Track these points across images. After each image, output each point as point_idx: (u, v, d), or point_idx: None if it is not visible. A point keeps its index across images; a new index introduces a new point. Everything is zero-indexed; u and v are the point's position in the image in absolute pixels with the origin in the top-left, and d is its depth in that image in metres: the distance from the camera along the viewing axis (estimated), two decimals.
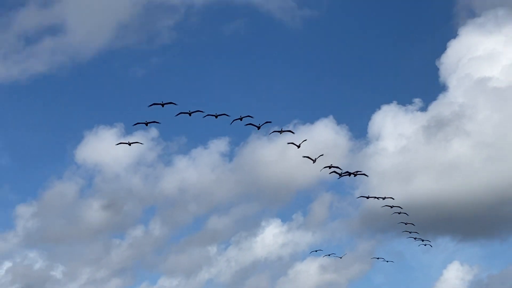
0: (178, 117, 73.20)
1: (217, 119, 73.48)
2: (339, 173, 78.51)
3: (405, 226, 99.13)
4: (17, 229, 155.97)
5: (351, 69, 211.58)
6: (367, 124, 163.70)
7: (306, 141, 75.72)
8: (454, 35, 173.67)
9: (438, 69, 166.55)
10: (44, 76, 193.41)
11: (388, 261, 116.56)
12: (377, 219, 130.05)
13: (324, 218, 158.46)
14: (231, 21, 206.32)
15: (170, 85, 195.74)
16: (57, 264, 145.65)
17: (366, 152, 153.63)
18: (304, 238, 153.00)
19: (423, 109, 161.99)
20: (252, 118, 73.51)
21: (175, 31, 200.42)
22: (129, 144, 79.53)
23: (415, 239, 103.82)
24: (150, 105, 72.70)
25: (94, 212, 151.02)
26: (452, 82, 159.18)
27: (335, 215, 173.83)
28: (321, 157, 76.43)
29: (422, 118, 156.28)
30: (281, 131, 75.00)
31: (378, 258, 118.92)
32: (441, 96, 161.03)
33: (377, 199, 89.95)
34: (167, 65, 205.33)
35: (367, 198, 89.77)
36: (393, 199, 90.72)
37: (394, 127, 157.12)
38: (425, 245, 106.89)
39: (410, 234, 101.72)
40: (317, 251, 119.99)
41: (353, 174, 79.40)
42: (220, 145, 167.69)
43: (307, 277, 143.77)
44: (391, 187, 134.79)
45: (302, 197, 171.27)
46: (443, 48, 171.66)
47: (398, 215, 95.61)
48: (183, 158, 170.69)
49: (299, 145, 75.65)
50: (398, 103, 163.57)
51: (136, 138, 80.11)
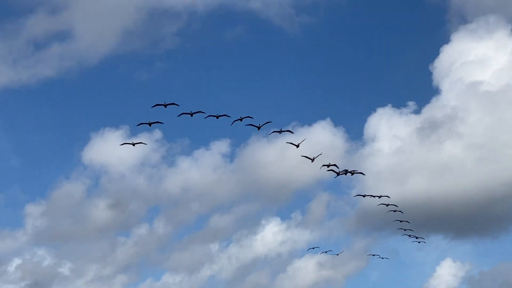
0: (181, 119, 73.33)
1: (218, 122, 73.67)
2: (337, 172, 78.62)
3: (400, 224, 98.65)
4: (26, 227, 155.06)
5: (348, 73, 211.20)
6: (363, 126, 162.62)
7: (304, 140, 75.84)
8: (446, 40, 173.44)
9: (431, 73, 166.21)
10: (53, 80, 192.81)
11: (383, 258, 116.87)
12: (373, 218, 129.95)
13: (321, 217, 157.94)
14: (232, 27, 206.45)
15: (173, 89, 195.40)
16: (64, 261, 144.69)
17: (362, 153, 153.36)
18: (303, 236, 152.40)
19: (417, 111, 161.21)
20: (252, 119, 73.81)
21: (178, 36, 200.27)
22: (133, 145, 78.92)
23: (410, 236, 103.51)
24: (153, 106, 72.70)
25: (100, 211, 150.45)
26: (445, 85, 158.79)
27: (332, 214, 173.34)
28: (318, 156, 76.25)
29: (416, 121, 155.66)
30: (281, 131, 75.08)
31: (374, 255, 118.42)
32: (434, 99, 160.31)
33: (373, 198, 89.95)
34: (170, 70, 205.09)
35: (364, 196, 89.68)
36: (389, 198, 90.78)
37: (389, 129, 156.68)
38: (419, 242, 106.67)
39: (405, 231, 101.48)
40: (314, 248, 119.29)
41: (350, 173, 79.52)
42: (221, 146, 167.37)
43: (305, 273, 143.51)
44: (386, 187, 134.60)
45: (300, 197, 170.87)
46: (436, 53, 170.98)
47: (394, 213, 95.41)
48: (186, 159, 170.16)
49: (298, 144, 75.58)
50: (393, 106, 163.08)
51: (140, 140, 79.58)
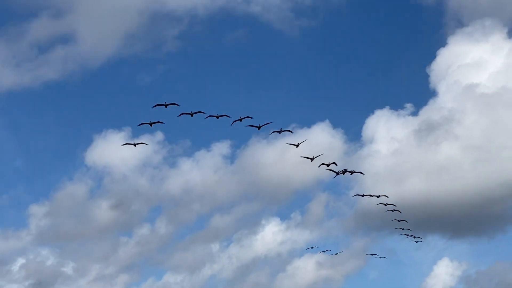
0: (183, 121, 72.92)
1: (219, 124, 73.20)
2: (336, 171, 77.76)
3: (398, 223, 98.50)
4: (30, 227, 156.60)
5: (346, 76, 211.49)
6: (361, 128, 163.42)
7: (305, 141, 75.57)
8: (443, 43, 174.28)
9: (428, 76, 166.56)
10: (56, 83, 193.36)
11: (381, 257, 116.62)
12: (371, 218, 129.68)
13: (321, 217, 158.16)
14: (233, 30, 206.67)
15: (175, 91, 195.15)
16: (68, 261, 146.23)
17: (360, 155, 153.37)
18: (302, 236, 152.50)
19: (414, 113, 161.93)
20: (252, 119, 73.66)
21: (179, 40, 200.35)
22: (135, 145, 78.68)
23: (408, 236, 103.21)
24: (154, 106, 72.34)
25: (103, 211, 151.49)
26: (442, 88, 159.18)
27: (331, 214, 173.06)
28: (319, 156, 76.13)
29: (413, 122, 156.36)
30: (281, 131, 74.81)
31: (372, 255, 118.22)
32: (431, 102, 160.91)
33: (372, 198, 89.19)
34: (172, 72, 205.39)
35: (362, 196, 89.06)
36: (387, 197, 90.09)
37: (387, 131, 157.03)
38: (417, 242, 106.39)
39: (403, 231, 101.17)
40: (312, 247, 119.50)
41: (350, 172, 78.71)
42: (222, 148, 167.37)
43: (305, 273, 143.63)
44: (384, 187, 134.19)
45: (300, 197, 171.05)
46: (433, 56, 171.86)
47: (392, 213, 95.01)
48: (187, 160, 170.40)
49: (297, 144, 75.51)
50: (391, 108, 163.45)
51: (141, 141, 78.96)
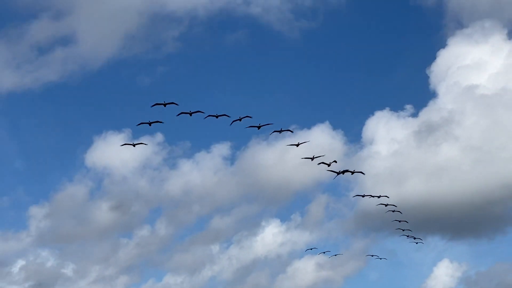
0: (183, 123, 71.78)
1: (219, 125, 72.17)
2: (337, 171, 76.19)
3: (399, 224, 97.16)
4: (30, 229, 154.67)
5: (346, 77, 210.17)
6: (361, 129, 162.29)
7: (305, 142, 75.07)
8: (443, 45, 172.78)
9: (428, 77, 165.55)
10: (56, 85, 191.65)
11: (381, 259, 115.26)
12: (371, 219, 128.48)
13: (320, 218, 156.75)
14: (233, 32, 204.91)
15: (175, 92, 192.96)
16: (68, 262, 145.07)
17: (360, 156, 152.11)
18: (302, 237, 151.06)
19: (414, 115, 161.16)
20: (251, 118, 73.06)
21: (179, 41, 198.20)
22: (134, 145, 77.71)
23: (408, 237, 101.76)
24: (153, 105, 71.24)
25: (103, 213, 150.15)
26: (442, 89, 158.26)
27: (331, 215, 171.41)
28: (320, 157, 75.36)
29: (413, 124, 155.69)
30: (281, 131, 74.17)
31: (372, 256, 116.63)
32: (431, 103, 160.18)
33: (372, 199, 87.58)
34: (172, 74, 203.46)
35: (363, 196, 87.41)
36: (388, 198, 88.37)
37: (387, 132, 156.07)
38: (417, 243, 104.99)
39: (403, 232, 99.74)
40: (312, 249, 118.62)
41: (350, 172, 77.22)
42: (222, 149, 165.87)
43: (305, 274, 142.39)
44: (384, 188, 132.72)
45: (300, 199, 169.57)
46: (433, 57, 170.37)
47: (392, 213, 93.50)
48: (187, 162, 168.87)
49: (298, 144, 74.92)
50: (391, 109, 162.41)
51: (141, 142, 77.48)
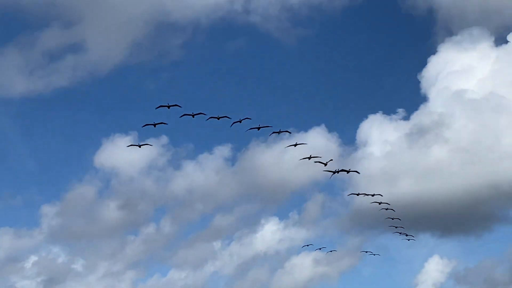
0: (186, 126, 73.62)
1: (221, 128, 73.82)
2: (333, 171, 77.60)
3: (392, 221, 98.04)
4: (42, 226, 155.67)
5: (341, 82, 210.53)
6: (355, 132, 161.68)
7: (304, 144, 76.15)
8: (434, 51, 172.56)
9: (419, 82, 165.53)
10: (66, 90, 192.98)
11: (375, 255, 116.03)
12: (365, 217, 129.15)
13: (317, 216, 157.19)
14: (234, 40, 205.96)
15: (178, 97, 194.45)
16: (78, 258, 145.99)
17: (354, 157, 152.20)
18: (299, 234, 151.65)
19: (406, 118, 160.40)
20: (250, 119, 74.01)
21: (183, 49, 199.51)
22: (139, 146, 78.63)
23: (400, 234, 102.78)
24: (157, 107, 72.38)
25: (111, 211, 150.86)
26: (432, 94, 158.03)
27: (327, 214, 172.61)
28: (314, 158, 76.45)
29: (405, 127, 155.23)
30: (279, 132, 75.48)
31: (366, 252, 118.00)
32: (422, 107, 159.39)
33: (366, 197, 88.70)
34: (176, 79, 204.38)
35: (357, 195, 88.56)
36: (382, 196, 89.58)
37: (380, 135, 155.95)
38: (409, 240, 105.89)
39: (396, 228, 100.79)
40: (308, 245, 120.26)
41: (346, 171, 78.33)
42: (224, 151, 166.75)
43: (302, 269, 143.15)
44: (377, 188, 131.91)
45: (297, 198, 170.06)
46: (424, 63, 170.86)
47: (385, 211, 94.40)
48: (191, 163, 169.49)
49: (295, 144, 76.01)
50: (384, 113, 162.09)
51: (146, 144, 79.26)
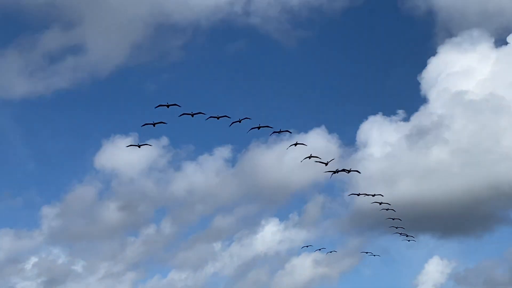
0: (186, 127, 72.10)
1: (221, 129, 72.82)
2: (333, 170, 76.35)
3: (392, 222, 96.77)
4: (43, 227, 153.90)
5: (341, 84, 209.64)
6: (355, 133, 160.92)
7: (303, 145, 75.43)
8: (433, 53, 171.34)
9: (419, 83, 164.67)
10: (67, 91, 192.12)
11: (375, 256, 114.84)
12: (366, 218, 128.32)
13: (317, 217, 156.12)
14: (234, 41, 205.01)
15: (178, 98, 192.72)
16: (78, 259, 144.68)
17: (354, 158, 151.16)
18: (300, 236, 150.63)
19: (406, 119, 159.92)
20: (250, 119, 73.26)
21: (183, 50, 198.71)
22: (139, 146, 77.94)
23: (401, 235, 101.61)
24: (156, 107, 71.69)
25: (111, 212, 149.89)
26: (432, 95, 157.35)
27: (327, 215, 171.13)
28: (313, 158, 75.76)
29: (405, 128, 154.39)
30: (280, 131, 74.74)
31: (366, 253, 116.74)
32: (422, 108, 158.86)
33: (367, 197, 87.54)
34: (176, 81, 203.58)
35: (358, 195, 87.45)
36: (382, 196, 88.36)
37: (380, 136, 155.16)
38: (409, 240, 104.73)
39: (396, 229, 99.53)
40: (307, 246, 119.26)
41: (347, 171, 77.12)
42: (224, 152, 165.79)
43: (302, 270, 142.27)
44: (377, 189, 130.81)
45: (297, 199, 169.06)
46: (424, 65, 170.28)
47: (386, 212, 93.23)
48: (191, 164, 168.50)
49: (296, 143, 75.30)
50: (384, 114, 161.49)
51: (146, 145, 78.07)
